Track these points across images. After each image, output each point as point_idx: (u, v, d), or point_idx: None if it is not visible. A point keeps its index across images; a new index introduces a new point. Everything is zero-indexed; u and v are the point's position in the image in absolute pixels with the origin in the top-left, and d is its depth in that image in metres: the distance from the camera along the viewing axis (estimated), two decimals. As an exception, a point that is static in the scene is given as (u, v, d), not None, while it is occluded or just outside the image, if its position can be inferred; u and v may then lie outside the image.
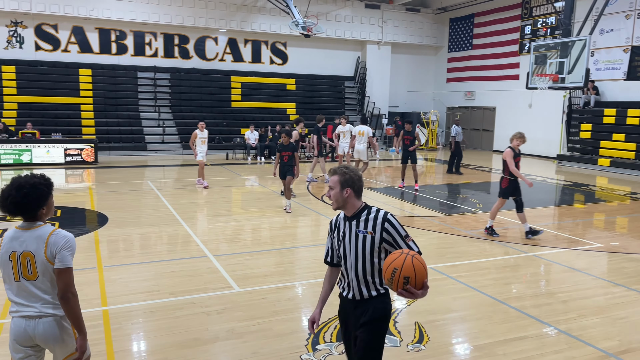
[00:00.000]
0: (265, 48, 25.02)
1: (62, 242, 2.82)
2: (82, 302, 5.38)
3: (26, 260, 2.77)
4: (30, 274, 2.78)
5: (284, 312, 5.31)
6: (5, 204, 2.78)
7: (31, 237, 2.79)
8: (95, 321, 4.95)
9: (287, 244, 8.01)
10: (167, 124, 21.90)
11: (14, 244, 2.79)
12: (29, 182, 2.80)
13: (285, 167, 10.02)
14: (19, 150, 16.51)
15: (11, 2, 19.68)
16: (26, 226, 2.83)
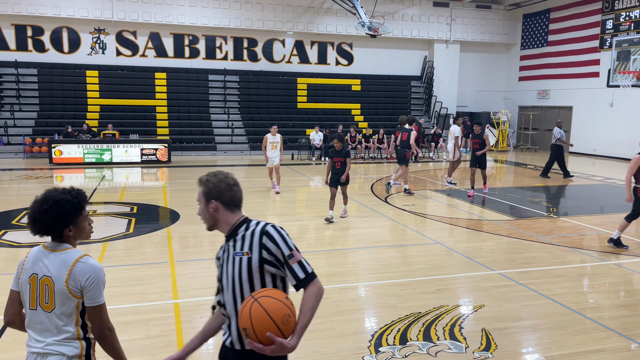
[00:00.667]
0: (331, 49, 25.16)
1: (89, 275, 2.40)
2: (155, 295, 5.69)
3: (45, 287, 2.39)
4: (47, 303, 2.39)
5: (346, 312, 5.31)
6: (30, 222, 2.45)
7: (54, 260, 2.40)
8: (167, 313, 5.19)
9: (349, 245, 8.01)
10: (235, 125, 22.57)
11: (36, 266, 2.42)
12: (54, 197, 2.43)
13: (338, 175, 9.39)
14: (101, 150, 17.62)
15: (95, 10, 21.07)
16: (52, 247, 2.46)
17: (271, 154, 12.48)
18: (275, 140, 12.56)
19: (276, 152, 12.53)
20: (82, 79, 21.60)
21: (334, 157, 9.36)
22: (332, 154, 9.41)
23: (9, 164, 17.21)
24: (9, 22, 20.86)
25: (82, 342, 2.46)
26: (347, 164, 9.34)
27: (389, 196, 12.19)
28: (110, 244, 7.62)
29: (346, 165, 9.33)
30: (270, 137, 12.49)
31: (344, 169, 9.31)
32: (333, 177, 9.41)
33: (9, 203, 10.83)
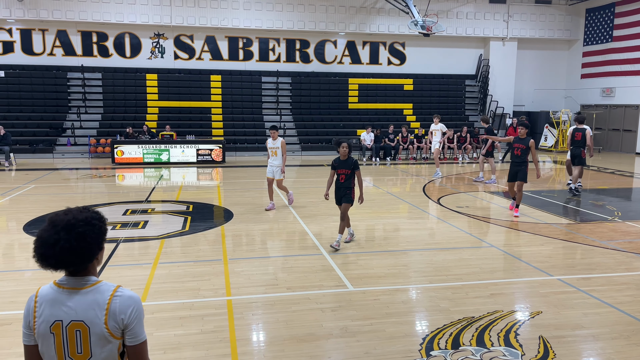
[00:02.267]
0: (383, 49, 24.99)
1: (132, 309, 2.01)
2: (210, 291, 5.84)
3: (75, 334, 1.97)
4: (81, 353, 1.98)
5: (397, 314, 5.26)
6: (52, 253, 1.92)
7: (83, 301, 1.97)
8: (221, 309, 5.32)
9: (401, 247, 7.93)
10: (287, 126, 22.84)
11: (57, 311, 1.97)
12: (80, 218, 1.99)
13: (341, 190, 7.61)
14: (159, 150, 18.30)
15: (155, 16, 21.92)
16: (73, 284, 2.00)
17: (271, 162, 10.41)
18: (275, 145, 10.38)
19: (277, 159, 10.31)
20: (142, 82, 22.52)
21: (339, 169, 7.58)
22: (336, 164, 7.61)
23: (75, 164, 18.19)
24: (76, 29, 22.06)
25: None
26: (357, 177, 7.58)
27: (442, 197, 11.96)
28: (167, 241, 7.90)
29: (352, 179, 7.58)
30: (270, 141, 10.51)
31: (349, 183, 7.57)
32: (337, 192, 7.72)
33: (75, 201, 11.44)
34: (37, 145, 19.80)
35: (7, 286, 5.95)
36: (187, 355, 4.37)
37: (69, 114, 21.61)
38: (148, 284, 6.03)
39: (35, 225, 8.85)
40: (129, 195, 12.36)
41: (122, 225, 8.96)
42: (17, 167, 16.85)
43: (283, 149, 10.33)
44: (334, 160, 7.67)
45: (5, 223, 9.25)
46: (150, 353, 4.36)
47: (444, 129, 14.97)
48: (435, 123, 14.84)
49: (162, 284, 6.06)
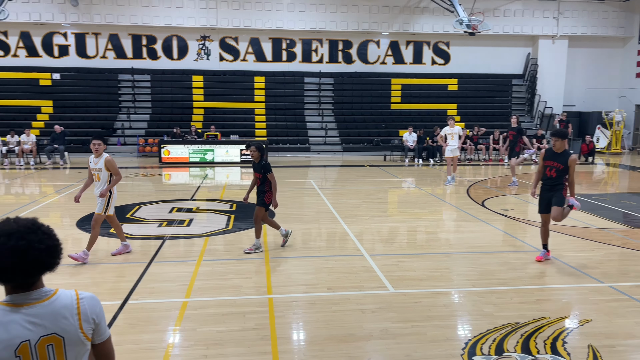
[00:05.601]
0: (427, 49, 24.67)
1: (99, 308, 1.96)
2: (251, 289, 5.93)
3: (47, 349, 1.83)
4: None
5: (438, 318, 5.18)
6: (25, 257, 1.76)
7: (50, 312, 1.83)
8: (262, 307, 5.39)
9: (443, 249, 7.80)
10: (329, 127, 22.89)
11: (19, 332, 1.78)
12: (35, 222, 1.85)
13: (257, 194, 7.39)
14: (204, 150, 18.72)
15: (201, 19, 22.45)
16: (30, 299, 1.83)
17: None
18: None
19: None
20: (189, 84, 23.10)
21: (255, 172, 7.39)
22: (253, 167, 7.46)
23: (124, 163, 18.85)
24: (127, 33, 22.87)
25: None
26: (270, 180, 7.23)
27: (487, 200, 11.69)
28: (211, 239, 8.07)
29: (266, 183, 7.26)
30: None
31: (264, 187, 7.28)
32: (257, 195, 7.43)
33: (124, 198, 11.86)
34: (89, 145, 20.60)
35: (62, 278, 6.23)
36: (229, 351, 4.45)
37: (119, 115, 22.42)
38: (192, 280, 6.18)
39: (87, 221, 9.22)
40: (175, 193, 12.71)
41: (168, 222, 9.21)
42: (71, 166, 17.62)
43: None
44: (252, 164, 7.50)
45: (60, 219, 9.69)
46: (193, 348, 4.49)
47: (460, 132, 14.11)
48: (451, 126, 13.72)
49: (206, 280, 6.19)
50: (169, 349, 4.49)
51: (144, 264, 6.80)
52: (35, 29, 22.30)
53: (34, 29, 22.30)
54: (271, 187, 7.26)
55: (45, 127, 20.58)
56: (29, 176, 15.38)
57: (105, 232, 8.43)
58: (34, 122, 20.91)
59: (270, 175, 7.24)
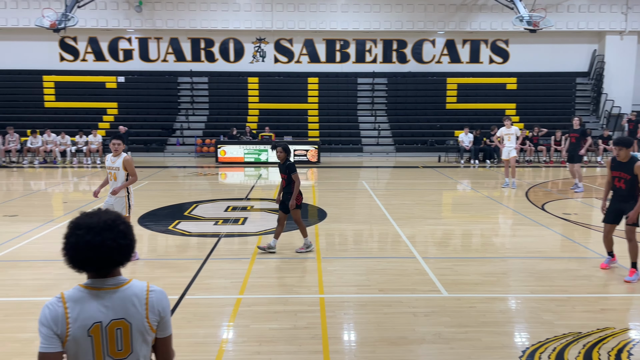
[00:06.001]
0: (484, 47, 24.00)
1: (166, 302, 2.09)
2: (303, 288, 5.98)
3: (116, 332, 1.99)
4: (121, 350, 2.01)
5: (494, 324, 5.03)
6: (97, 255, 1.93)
7: (122, 299, 2.00)
8: (313, 307, 5.43)
9: (500, 253, 7.56)
10: (382, 127, 22.73)
11: (94, 313, 1.96)
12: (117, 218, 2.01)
13: (283, 195, 7.32)
14: (259, 151, 19.07)
15: (257, 22, 22.90)
16: (106, 285, 2.00)
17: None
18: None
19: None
20: (244, 86, 23.61)
21: (281, 173, 7.32)
22: (279, 168, 7.41)
23: (182, 162, 19.51)
24: (186, 36, 23.66)
25: None
26: (294, 181, 7.15)
27: (547, 203, 11.23)
28: (264, 238, 8.21)
29: (291, 184, 7.17)
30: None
31: (289, 188, 7.21)
32: (284, 196, 7.36)
33: (182, 196, 12.28)
34: (150, 145, 21.51)
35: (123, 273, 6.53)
36: (281, 349, 4.51)
37: (178, 116, 23.22)
38: (246, 277, 6.31)
39: (148, 218, 9.62)
40: (231, 192, 13.02)
41: (224, 221, 9.45)
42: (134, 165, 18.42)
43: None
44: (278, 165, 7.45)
45: (123, 215, 10.16)
46: (246, 344, 4.59)
47: (517, 132, 13.44)
48: (507, 127, 13.16)
49: (259, 278, 6.31)
50: (223, 344, 4.60)
51: (200, 260, 7.00)
52: (102, 34, 23.50)
53: (101, 34, 23.49)
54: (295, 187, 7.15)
55: (110, 128, 21.64)
56: (95, 174, 16.22)
57: (163, 228, 8.76)
58: (100, 123, 22.04)
59: (295, 175, 7.15)
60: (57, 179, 15.39)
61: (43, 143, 18.89)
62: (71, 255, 1.95)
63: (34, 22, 20.25)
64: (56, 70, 23.49)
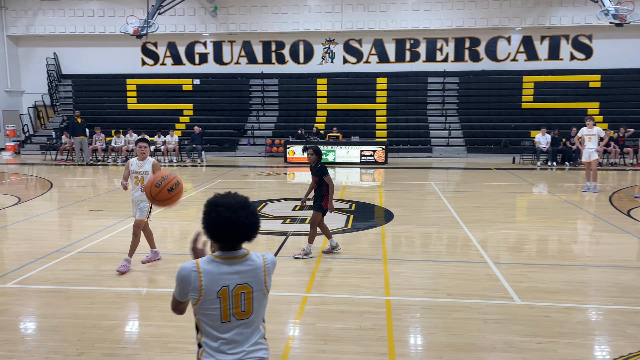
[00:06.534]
0: (565, 43, 22.76)
1: (274, 267, 2.51)
2: (369, 289, 5.95)
3: (240, 296, 2.35)
4: (244, 311, 2.37)
5: (571, 335, 4.75)
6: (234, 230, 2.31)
7: (245, 267, 2.37)
8: (379, 308, 5.39)
9: (579, 261, 7.13)
10: (452, 127, 22.15)
11: (222, 279, 2.33)
12: (244, 199, 2.40)
13: (315, 198, 7.19)
14: (326, 151, 19.20)
15: (327, 23, 23.09)
16: (232, 256, 2.39)
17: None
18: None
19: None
20: (313, 87, 23.87)
21: (312, 175, 7.27)
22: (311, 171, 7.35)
23: (253, 162, 20.04)
24: (258, 39, 24.29)
25: (266, 341, 2.51)
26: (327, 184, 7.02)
27: (633, 209, 10.45)
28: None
29: (322, 186, 7.05)
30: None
31: (320, 190, 7.08)
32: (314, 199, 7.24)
33: (252, 195, 12.57)
34: (222, 145, 22.28)
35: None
36: (347, 348, 4.51)
37: (250, 117, 23.89)
38: (312, 276, 6.37)
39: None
40: (298, 192, 13.19)
41: (291, 220, 9.60)
42: (207, 164, 19.17)
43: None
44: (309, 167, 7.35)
45: (196, 212, 10.59)
46: (312, 342, 4.63)
47: (601, 133, 12.40)
48: (589, 127, 12.30)
49: (325, 277, 6.35)
50: (290, 341, 4.68)
51: (268, 257, 7.14)
52: (180, 39, 24.65)
53: (179, 39, 24.65)
54: (329, 191, 7.02)
55: (185, 129, 22.65)
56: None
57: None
58: (177, 124, 23.13)
59: (327, 177, 7.02)
60: (138, 176, 16.31)
61: (125, 142, 20.10)
62: (212, 229, 2.33)
63: (119, 29, 21.62)
64: (138, 74, 24.94)
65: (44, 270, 6.61)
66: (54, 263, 6.89)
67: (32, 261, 6.95)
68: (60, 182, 14.55)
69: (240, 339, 2.37)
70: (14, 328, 4.96)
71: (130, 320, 5.20)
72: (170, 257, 7.28)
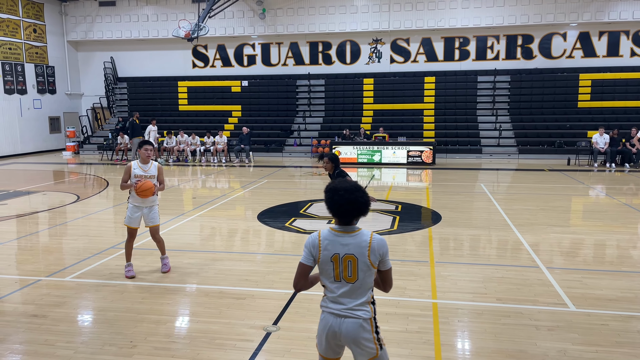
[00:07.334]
0: (625, 39, 21.68)
1: (385, 247, 2.92)
2: (415, 292, 5.86)
3: (348, 263, 2.87)
4: (350, 276, 2.88)
5: (630, 344, 4.51)
6: (352, 208, 2.86)
7: (353, 241, 2.89)
8: (426, 311, 5.30)
9: (639, 267, 6.76)
10: (503, 127, 21.53)
11: (336, 247, 2.89)
12: (358, 184, 2.95)
13: None
14: (372, 151, 19.10)
15: (374, 22, 22.96)
16: (345, 230, 2.93)
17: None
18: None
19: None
20: (360, 87, 23.79)
21: None
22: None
23: (299, 162, 20.19)
24: (305, 40, 24.46)
25: (371, 307, 2.97)
26: None
27: (700, 214, 9.80)
28: (376, 238, 8.18)
29: None
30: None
31: None
32: None
33: (298, 195, 12.71)
34: (270, 145, 22.57)
35: (242, 266, 6.93)
36: (392, 351, 4.46)
37: (296, 118, 24.08)
38: (357, 277, 6.34)
39: (267, 215, 10.09)
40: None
41: (337, 220, 9.58)
42: (255, 164, 19.48)
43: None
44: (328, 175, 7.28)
45: (244, 212, 10.78)
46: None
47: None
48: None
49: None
50: (334, 341, 4.67)
51: (313, 257, 7.17)
52: (229, 41, 25.17)
53: (228, 41, 25.18)
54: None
55: (234, 129, 23.10)
56: (220, 172, 17.42)
57: (280, 225, 9.13)
58: (225, 125, 23.62)
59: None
60: (188, 176, 16.79)
61: (177, 143, 20.71)
62: (335, 208, 2.89)
63: (171, 33, 22.31)
64: (189, 76, 25.66)
65: (100, 265, 6.90)
66: (109, 258, 7.18)
67: (89, 256, 7.27)
68: (116, 180, 15.17)
69: (346, 297, 2.90)
70: (72, 320, 5.21)
71: (180, 316, 5.35)
72: (219, 255, 7.43)
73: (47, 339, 4.72)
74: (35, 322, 5.08)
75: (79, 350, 4.50)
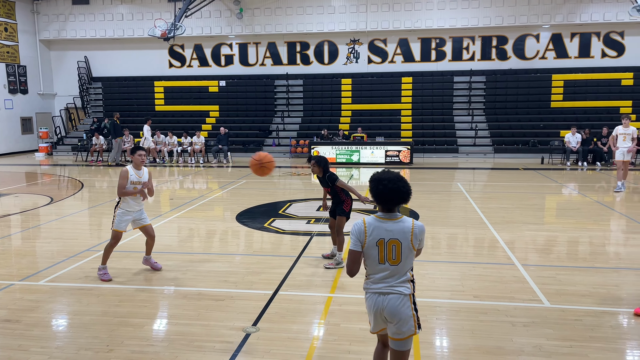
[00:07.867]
0: (596, 40, 22.22)
1: (424, 233, 3.29)
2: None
3: (392, 247, 3.20)
4: (394, 259, 3.21)
5: (603, 340, 4.63)
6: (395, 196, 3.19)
7: (397, 227, 3.21)
8: (404, 309, 5.34)
9: (611, 264, 6.94)
10: (479, 127, 21.85)
11: (380, 233, 3.21)
12: (400, 174, 3.28)
13: (333, 204, 6.96)
14: (350, 151, 19.18)
15: (351, 23, 23.07)
16: (389, 217, 3.25)
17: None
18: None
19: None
20: (338, 87, 23.86)
21: (323, 186, 7.04)
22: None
23: (278, 162, 20.08)
24: (283, 40, 24.42)
25: (411, 284, 3.31)
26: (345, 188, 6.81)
27: (668, 211, 10.11)
28: (355, 238, 8.22)
29: (337, 194, 6.81)
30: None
31: (338, 198, 6.82)
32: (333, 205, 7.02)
33: (277, 195, 12.68)
34: (248, 145, 22.45)
35: (221, 267, 6.89)
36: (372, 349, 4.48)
37: (274, 118, 24.02)
38: (337, 276, 6.37)
39: (245, 215, 10.03)
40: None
41: (316, 220, 9.61)
42: (233, 165, 19.35)
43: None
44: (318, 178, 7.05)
45: (222, 212, 10.71)
46: (337, 343, 4.63)
47: (635, 133, 12.10)
48: (625, 126, 12.06)
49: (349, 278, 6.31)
50: (314, 341, 4.68)
51: (293, 257, 7.19)
52: (206, 41, 24.96)
53: (205, 41, 24.96)
54: (347, 195, 6.79)
55: (212, 130, 22.91)
56: (198, 173, 17.26)
57: (259, 225, 9.10)
58: (203, 125, 23.42)
59: (339, 182, 6.74)
60: (165, 177, 16.59)
61: (153, 144, 20.45)
62: (380, 197, 3.21)
63: (147, 32, 22.01)
64: (165, 76, 25.36)
65: (75, 268, 6.77)
66: (84, 262, 7.05)
67: (63, 259, 7.13)
68: (90, 182, 14.90)
69: (390, 277, 3.23)
70: (46, 325, 5.10)
71: (158, 319, 5.29)
72: (197, 256, 7.37)
73: (20, 344, 4.62)
74: (8, 327, 4.96)
75: (54, 355, 4.41)
